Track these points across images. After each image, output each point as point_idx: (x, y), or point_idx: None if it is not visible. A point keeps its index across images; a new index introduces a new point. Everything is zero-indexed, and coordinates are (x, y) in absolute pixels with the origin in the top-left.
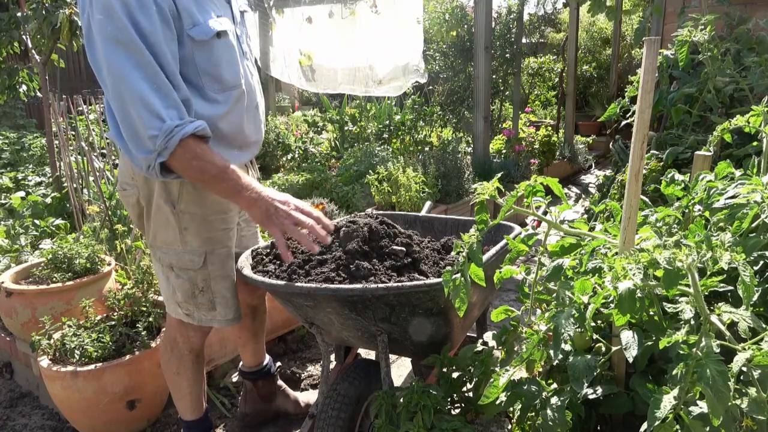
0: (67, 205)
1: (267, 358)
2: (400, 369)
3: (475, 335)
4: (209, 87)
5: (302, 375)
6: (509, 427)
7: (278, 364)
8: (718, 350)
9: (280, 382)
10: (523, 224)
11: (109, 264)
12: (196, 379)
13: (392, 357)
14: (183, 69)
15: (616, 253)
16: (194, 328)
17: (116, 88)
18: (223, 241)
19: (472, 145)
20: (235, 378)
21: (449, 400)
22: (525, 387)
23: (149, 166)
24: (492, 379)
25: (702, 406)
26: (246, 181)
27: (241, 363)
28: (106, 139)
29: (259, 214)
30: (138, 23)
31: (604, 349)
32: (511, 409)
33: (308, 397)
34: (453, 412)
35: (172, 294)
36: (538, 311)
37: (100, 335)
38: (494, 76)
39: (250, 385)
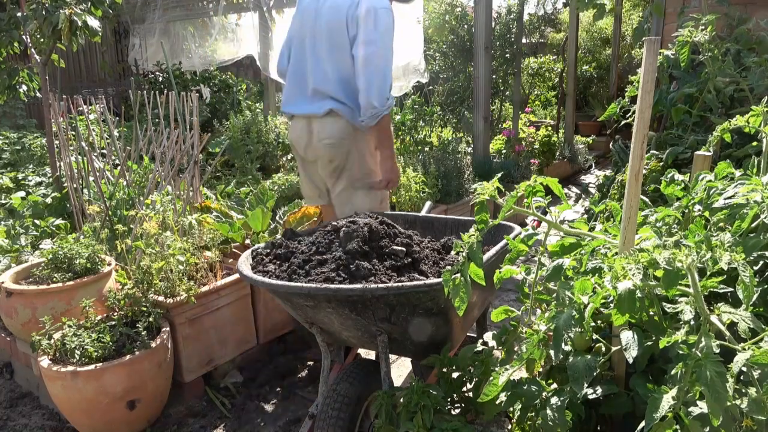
0: (67, 205)
1: None
2: (400, 369)
3: (475, 335)
4: None
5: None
6: (509, 427)
7: None
8: (717, 350)
9: None
10: (523, 224)
11: (109, 264)
12: None
13: (392, 357)
14: None
15: (616, 253)
16: None
17: (385, 65)
18: None
19: (472, 145)
20: (234, 379)
21: (449, 400)
22: (525, 387)
23: (377, 114)
24: (492, 378)
25: (701, 406)
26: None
27: None
28: (106, 139)
29: (386, 172)
30: (391, 41)
31: (604, 349)
32: (511, 409)
33: None
34: (453, 412)
35: (360, 208)
36: (538, 311)
37: (100, 335)
38: (494, 76)
39: None
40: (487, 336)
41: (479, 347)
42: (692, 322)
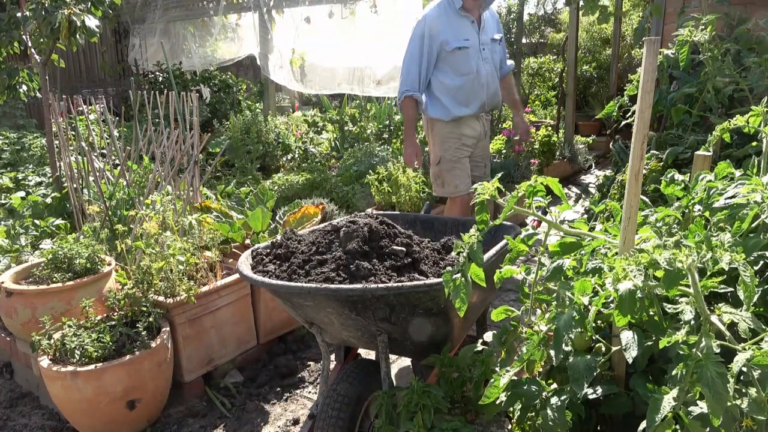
0: (67, 205)
1: None
2: (400, 369)
3: (475, 335)
4: (452, 72)
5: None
6: (509, 427)
7: None
8: (718, 351)
9: None
10: (523, 224)
11: (109, 264)
12: None
13: (392, 357)
14: (442, 63)
15: (616, 254)
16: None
17: (404, 66)
18: (452, 153)
19: None
20: (234, 379)
21: (449, 400)
22: (525, 387)
23: (399, 100)
24: (492, 379)
25: (702, 407)
26: (411, 132)
27: None
28: (106, 139)
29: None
30: (417, 45)
31: (604, 349)
32: (511, 409)
33: None
34: (453, 412)
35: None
36: (538, 311)
37: (100, 335)
38: None
39: None
40: (487, 336)
41: (479, 347)
42: (692, 323)
